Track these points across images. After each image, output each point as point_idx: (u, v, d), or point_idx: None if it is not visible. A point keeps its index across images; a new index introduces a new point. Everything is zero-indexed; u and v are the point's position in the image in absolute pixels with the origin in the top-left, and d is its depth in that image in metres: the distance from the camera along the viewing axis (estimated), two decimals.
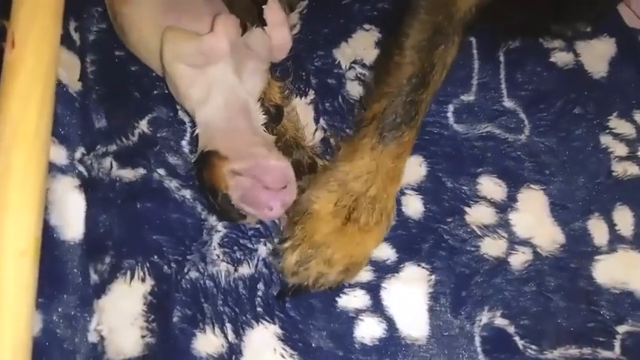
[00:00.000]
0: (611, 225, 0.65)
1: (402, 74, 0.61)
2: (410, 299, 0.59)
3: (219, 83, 0.59)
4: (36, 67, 0.49)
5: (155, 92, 0.65)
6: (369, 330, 0.58)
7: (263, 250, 0.60)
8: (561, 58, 0.74)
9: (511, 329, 0.59)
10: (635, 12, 0.77)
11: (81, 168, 0.61)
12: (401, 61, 0.61)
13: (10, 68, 0.48)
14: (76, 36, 0.68)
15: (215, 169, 0.56)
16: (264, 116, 0.61)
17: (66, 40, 0.66)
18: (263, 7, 0.62)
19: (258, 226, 0.61)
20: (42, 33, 0.50)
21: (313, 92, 0.69)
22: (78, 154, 0.62)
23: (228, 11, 0.66)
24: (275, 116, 0.63)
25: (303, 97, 0.69)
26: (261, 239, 0.61)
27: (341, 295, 0.59)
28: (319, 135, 0.67)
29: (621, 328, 0.60)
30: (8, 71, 0.48)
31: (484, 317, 0.59)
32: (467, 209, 0.64)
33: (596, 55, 0.74)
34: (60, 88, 0.61)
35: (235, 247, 0.60)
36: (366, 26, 0.74)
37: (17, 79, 0.48)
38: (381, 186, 0.59)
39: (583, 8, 0.72)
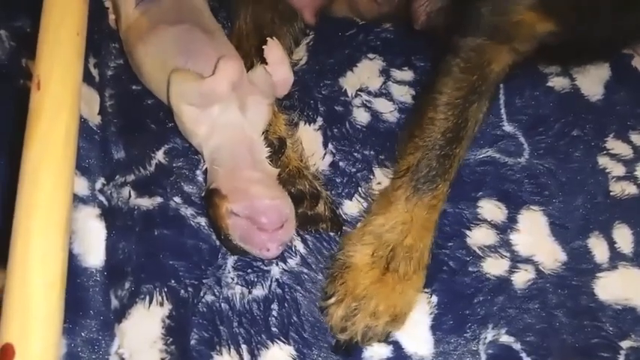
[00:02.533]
0: (611, 243, 0.67)
1: (436, 129, 0.63)
2: (412, 320, 0.61)
3: (222, 121, 0.62)
4: (60, 106, 0.51)
5: (170, 124, 0.68)
6: (376, 351, 0.59)
7: (276, 270, 0.62)
8: (558, 82, 0.76)
9: (517, 346, 0.60)
10: None
11: (101, 197, 0.64)
12: (435, 116, 0.63)
13: (36, 108, 0.50)
14: (95, 72, 0.72)
15: (217, 209, 0.59)
16: (268, 149, 0.63)
17: (86, 76, 0.68)
18: (263, 46, 0.65)
19: None
20: (66, 74, 0.53)
21: (321, 119, 0.73)
22: (98, 185, 0.65)
23: (236, 51, 0.69)
24: (278, 148, 0.65)
25: (311, 124, 0.72)
26: (274, 260, 0.63)
27: None
28: (328, 159, 0.70)
29: (625, 344, 0.61)
30: (34, 111, 0.51)
31: (489, 335, 0.61)
32: (468, 232, 0.66)
33: (592, 79, 0.77)
34: (81, 122, 0.64)
35: (249, 270, 0.62)
36: (370, 55, 0.78)
37: (43, 119, 0.49)
38: (417, 236, 0.61)
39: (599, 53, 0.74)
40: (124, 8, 0.72)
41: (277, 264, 0.63)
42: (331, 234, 0.65)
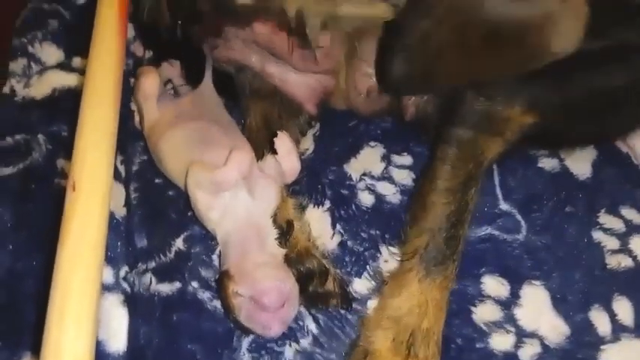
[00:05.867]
0: (612, 315, 0.68)
1: (440, 212, 0.66)
2: None
3: (233, 206, 0.68)
4: (94, 207, 0.55)
5: (190, 213, 0.73)
6: None
7: (289, 352, 0.64)
8: (548, 163, 0.81)
9: None
10: None
11: (125, 285, 0.68)
12: (437, 200, 0.66)
13: (70, 208, 0.55)
14: (121, 168, 0.78)
15: (225, 290, 0.63)
16: (276, 231, 0.68)
17: (114, 173, 0.75)
18: (274, 139, 0.73)
19: None
20: (99, 177, 0.58)
21: (329, 202, 0.77)
22: (122, 273, 0.68)
23: (247, 142, 0.76)
24: (286, 231, 0.69)
25: (320, 207, 0.77)
26: (287, 341, 0.65)
27: None
28: (337, 239, 0.74)
29: None
30: (69, 210, 0.55)
31: None
32: (473, 309, 0.68)
33: (579, 159, 0.81)
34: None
35: (263, 351, 0.64)
36: (372, 143, 0.83)
37: (76, 218, 0.54)
38: (433, 318, 0.62)
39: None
40: (147, 109, 0.80)
41: (290, 344, 0.65)
42: (342, 311, 0.67)
